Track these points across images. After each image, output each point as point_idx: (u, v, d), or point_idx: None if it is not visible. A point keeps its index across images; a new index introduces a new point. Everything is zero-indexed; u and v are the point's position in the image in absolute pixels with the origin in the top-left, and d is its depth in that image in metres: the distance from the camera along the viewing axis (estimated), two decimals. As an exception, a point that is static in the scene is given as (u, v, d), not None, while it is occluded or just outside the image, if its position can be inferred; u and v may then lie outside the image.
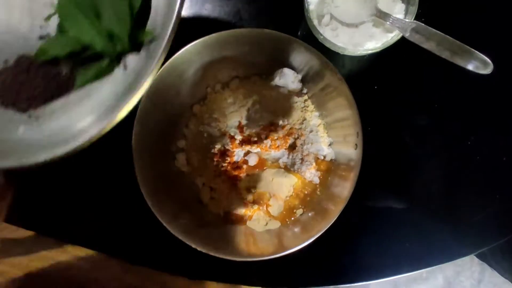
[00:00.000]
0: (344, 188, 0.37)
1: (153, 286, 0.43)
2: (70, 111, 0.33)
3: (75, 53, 0.33)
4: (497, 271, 0.72)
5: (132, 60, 0.33)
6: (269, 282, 0.44)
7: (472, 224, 0.45)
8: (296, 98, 0.42)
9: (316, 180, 0.41)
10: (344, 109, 0.38)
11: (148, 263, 0.43)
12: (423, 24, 0.37)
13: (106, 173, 0.44)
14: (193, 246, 0.35)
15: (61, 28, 0.34)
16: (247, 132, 0.41)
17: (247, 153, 0.42)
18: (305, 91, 0.42)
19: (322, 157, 0.42)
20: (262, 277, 0.44)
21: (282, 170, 0.41)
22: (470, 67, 0.36)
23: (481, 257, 0.82)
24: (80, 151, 0.27)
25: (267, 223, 0.42)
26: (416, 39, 0.38)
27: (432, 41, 0.37)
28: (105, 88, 0.33)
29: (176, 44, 0.45)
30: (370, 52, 0.40)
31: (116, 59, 0.33)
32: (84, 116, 0.32)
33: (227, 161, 0.41)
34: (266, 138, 0.41)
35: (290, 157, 0.41)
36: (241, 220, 0.42)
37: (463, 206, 0.45)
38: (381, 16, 0.39)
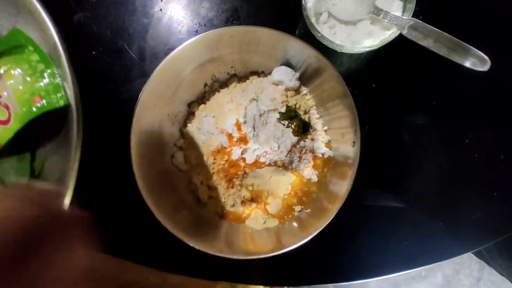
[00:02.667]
0: (342, 186, 0.37)
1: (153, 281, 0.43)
2: None
3: None
4: (494, 269, 0.72)
5: None
6: (267, 280, 0.44)
7: (470, 222, 0.45)
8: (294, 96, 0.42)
9: (314, 178, 0.41)
10: (341, 107, 0.38)
11: (146, 261, 0.43)
12: (420, 22, 0.37)
13: (104, 173, 0.44)
14: (191, 244, 0.35)
15: None
16: (244, 130, 0.41)
17: (245, 151, 0.42)
18: (303, 89, 0.42)
19: (320, 155, 0.42)
20: (260, 275, 0.44)
21: (280, 168, 0.41)
22: (468, 64, 0.36)
23: (478, 255, 0.82)
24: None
25: (265, 221, 0.42)
26: (413, 36, 0.38)
27: (430, 38, 0.37)
28: None
29: (173, 42, 0.45)
30: (367, 49, 0.40)
31: None
32: None
33: (225, 159, 0.41)
34: (264, 136, 0.41)
35: (288, 155, 0.41)
36: (239, 218, 0.42)
37: (461, 204, 0.45)
38: (379, 13, 0.39)
